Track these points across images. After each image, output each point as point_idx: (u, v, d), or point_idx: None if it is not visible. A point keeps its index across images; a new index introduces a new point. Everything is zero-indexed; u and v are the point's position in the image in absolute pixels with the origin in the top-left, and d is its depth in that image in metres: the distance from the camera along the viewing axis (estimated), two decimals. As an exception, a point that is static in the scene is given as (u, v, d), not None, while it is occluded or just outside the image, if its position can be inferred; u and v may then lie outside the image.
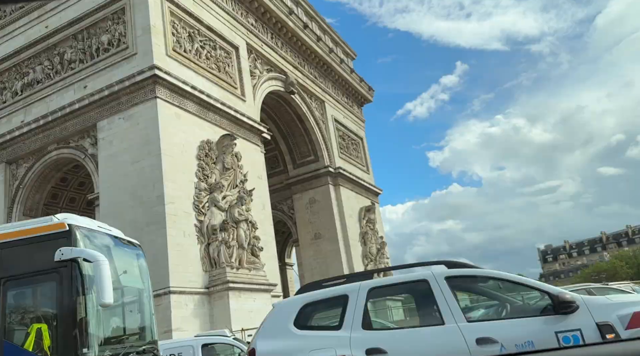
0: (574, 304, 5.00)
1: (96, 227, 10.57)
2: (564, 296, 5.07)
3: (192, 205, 21.99)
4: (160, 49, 23.10)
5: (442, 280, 5.61)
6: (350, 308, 5.62)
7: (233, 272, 21.77)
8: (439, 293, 5.48)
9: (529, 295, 6.16)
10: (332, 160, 37.76)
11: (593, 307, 5.03)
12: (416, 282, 5.93)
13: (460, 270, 5.93)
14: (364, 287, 5.85)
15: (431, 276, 5.70)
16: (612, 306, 5.08)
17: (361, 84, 45.63)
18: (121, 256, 11.28)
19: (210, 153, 23.77)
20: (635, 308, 4.97)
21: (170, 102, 22.62)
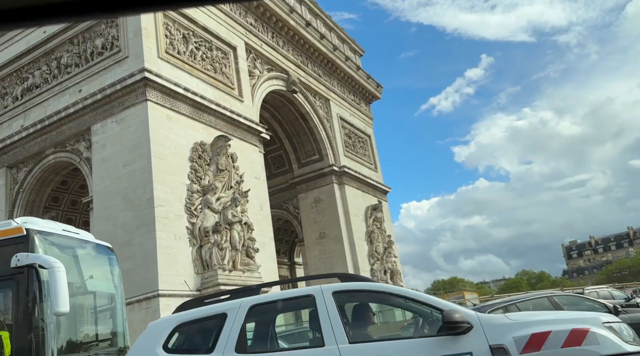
0: (464, 325, 4.54)
1: (61, 230, 10.44)
2: (450, 315, 4.57)
3: (184, 208, 21.96)
4: (152, 52, 23.10)
5: (329, 296, 5.14)
6: (227, 329, 5.18)
7: (225, 274, 21.68)
8: (323, 310, 5.03)
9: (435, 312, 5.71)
10: (336, 159, 37.43)
11: (489, 327, 4.58)
12: (303, 298, 5.55)
13: (351, 284, 5.54)
14: (245, 305, 5.39)
15: (318, 291, 5.25)
16: (510, 327, 4.62)
17: (368, 81, 45.13)
18: (89, 260, 11.12)
19: (204, 155, 23.71)
20: (533, 329, 4.52)
21: (162, 104, 22.61)
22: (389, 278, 37.22)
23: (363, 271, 35.68)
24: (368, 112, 45.84)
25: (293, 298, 5.84)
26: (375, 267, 36.90)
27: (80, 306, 10.80)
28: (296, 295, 5.79)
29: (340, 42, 43.84)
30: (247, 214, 25.07)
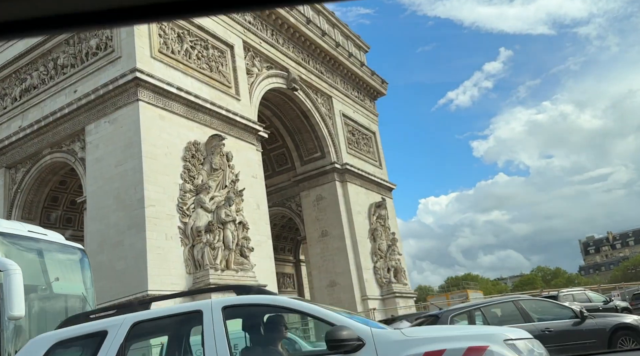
0: (351, 342, 4.22)
1: (26, 231, 10.39)
2: (334, 333, 4.22)
3: (176, 207, 21.95)
4: (144, 51, 23.09)
5: (219, 311, 4.70)
6: (104, 349, 4.78)
7: (217, 274, 21.63)
8: (209, 327, 4.64)
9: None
10: (339, 156, 37.18)
11: (381, 345, 4.29)
12: (190, 314, 5.04)
13: (244, 298, 5.14)
14: (127, 322, 4.94)
15: (207, 307, 4.82)
16: (403, 344, 4.32)
17: (373, 77, 44.72)
18: (56, 262, 11.02)
19: (197, 155, 23.67)
20: (427, 347, 4.22)
21: (154, 104, 22.60)
22: (393, 276, 36.90)
23: (366, 269, 35.46)
24: (373, 108, 45.44)
25: (180, 314, 5.27)
26: (378, 264, 36.62)
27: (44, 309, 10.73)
28: (183, 310, 5.26)
29: (344, 39, 43.49)
30: (242, 213, 24.99)
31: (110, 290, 20.55)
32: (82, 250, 11.53)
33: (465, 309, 10.17)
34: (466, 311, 10.04)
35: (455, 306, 10.85)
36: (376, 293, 35.69)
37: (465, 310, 10.12)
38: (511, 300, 10.84)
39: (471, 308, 10.11)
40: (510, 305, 10.43)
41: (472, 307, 10.22)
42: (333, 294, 34.86)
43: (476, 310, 10.06)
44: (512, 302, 10.53)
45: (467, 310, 10.09)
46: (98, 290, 20.78)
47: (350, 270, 34.46)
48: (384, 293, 36.01)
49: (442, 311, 10.26)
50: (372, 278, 35.81)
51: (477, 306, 10.24)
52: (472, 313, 9.88)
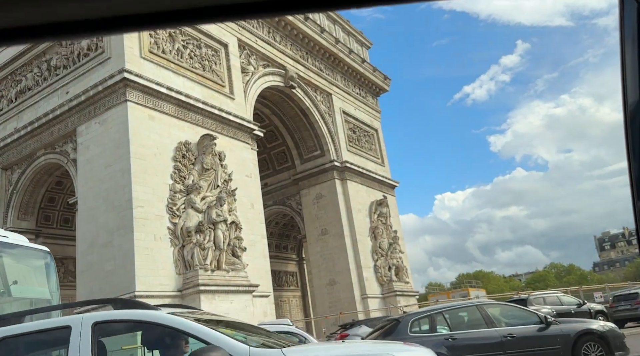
0: None
1: None
2: (201, 354, 3.89)
3: (166, 208, 21.89)
4: (134, 52, 23.04)
5: (88, 327, 4.30)
6: None
7: (207, 275, 21.55)
8: (75, 346, 4.23)
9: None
10: (339, 154, 36.92)
11: None
12: (58, 330, 4.60)
13: (117, 313, 4.75)
14: None
15: (77, 322, 4.40)
16: None
17: (375, 74, 44.33)
18: (16, 265, 10.91)
19: (188, 155, 23.59)
20: None
21: (143, 104, 22.55)
22: (394, 275, 36.59)
23: (366, 267, 35.20)
24: (375, 105, 45.05)
25: (47, 330, 4.76)
26: (379, 263, 36.33)
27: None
28: (51, 326, 4.82)
29: (346, 35, 43.15)
30: (235, 213, 24.88)
31: (99, 291, 20.61)
32: (48, 253, 11.41)
33: (426, 314, 9.89)
34: (427, 315, 9.78)
35: (422, 309, 10.54)
36: (377, 291, 35.42)
37: (426, 314, 9.85)
38: (475, 304, 10.57)
39: (433, 313, 9.83)
40: (474, 310, 10.17)
41: (434, 312, 9.93)
42: (333, 293, 34.69)
43: (438, 314, 9.79)
44: (475, 307, 10.27)
45: (428, 314, 9.82)
46: (88, 290, 20.87)
47: (350, 269, 34.23)
48: (384, 292, 35.73)
49: (403, 316, 9.99)
50: (372, 277, 35.55)
51: (440, 311, 9.96)
52: (433, 318, 9.62)
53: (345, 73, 41.00)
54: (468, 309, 10.60)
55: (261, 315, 24.79)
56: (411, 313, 10.10)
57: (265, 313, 25.07)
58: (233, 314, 21.65)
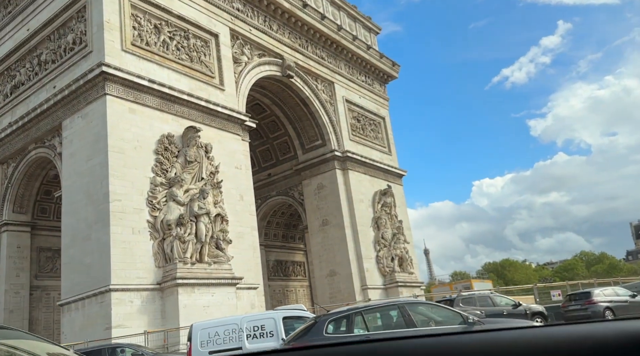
0: None
1: None
2: None
3: (146, 201, 21.91)
4: (115, 45, 23.01)
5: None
6: None
7: (186, 268, 21.52)
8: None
9: None
10: (340, 144, 36.36)
11: None
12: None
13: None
14: None
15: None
16: None
17: (382, 60, 43.36)
18: None
19: (171, 147, 23.51)
20: None
21: (123, 97, 22.54)
22: (397, 265, 35.99)
23: (367, 258, 34.73)
24: (383, 93, 44.13)
25: None
26: (381, 253, 35.78)
27: None
28: None
29: (352, 21, 42.28)
30: (221, 205, 24.77)
31: (79, 284, 20.88)
32: None
33: (344, 314, 9.42)
34: (345, 316, 9.30)
35: (336, 311, 10.05)
36: (378, 282, 34.94)
37: (344, 314, 9.38)
38: (397, 304, 10.03)
39: (351, 313, 9.36)
40: (395, 310, 9.72)
41: (353, 311, 9.45)
42: (333, 284, 34.40)
43: (357, 314, 9.31)
44: (397, 307, 9.77)
45: (346, 314, 9.34)
46: (70, 283, 21.11)
47: (350, 260, 33.82)
48: (386, 283, 35.21)
49: (320, 316, 9.52)
50: (374, 268, 35.06)
51: (358, 311, 9.49)
52: (351, 318, 9.18)
53: (350, 60, 40.23)
54: (389, 309, 10.20)
55: (248, 307, 24.73)
56: (329, 313, 9.65)
57: (252, 305, 24.99)
58: (214, 307, 21.65)
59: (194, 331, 11.95)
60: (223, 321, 12.75)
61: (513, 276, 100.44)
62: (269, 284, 40.68)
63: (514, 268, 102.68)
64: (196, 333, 11.87)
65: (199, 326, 12.21)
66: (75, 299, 20.81)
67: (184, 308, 20.84)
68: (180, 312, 20.65)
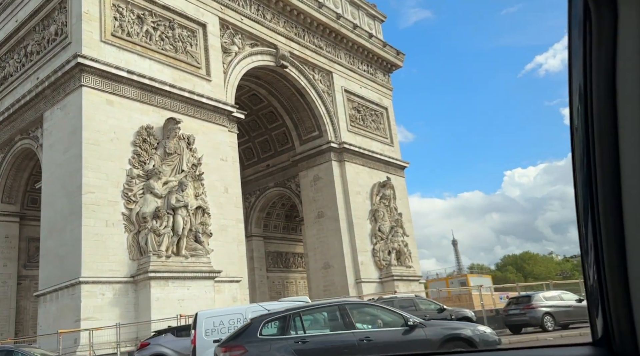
0: None
1: None
2: None
3: (121, 194, 21.79)
4: (93, 36, 22.85)
5: None
6: None
7: (160, 261, 21.38)
8: None
9: None
10: (337, 135, 35.73)
11: None
12: None
13: None
14: None
15: None
16: None
17: (385, 49, 42.36)
18: None
19: (150, 139, 23.32)
20: None
21: (101, 89, 22.40)
22: (394, 259, 35.37)
23: (362, 251, 34.20)
24: (386, 82, 43.18)
25: None
26: (377, 247, 35.18)
27: None
28: None
29: (354, 9, 41.40)
30: (203, 197, 24.55)
31: (54, 275, 20.97)
32: None
33: (280, 314, 9.03)
34: (281, 316, 8.96)
35: (273, 312, 9.63)
36: (374, 276, 34.39)
37: (280, 315, 9.00)
38: (337, 304, 9.74)
39: (288, 313, 9.01)
40: (334, 311, 9.44)
41: (290, 312, 9.09)
42: (327, 276, 34.01)
43: (296, 315, 9.00)
44: (337, 307, 9.47)
45: (282, 315, 8.99)
46: (46, 274, 21.19)
47: (344, 253, 33.34)
48: (382, 276, 34.63)
49: (256, 317, 9.11)
50: (369, 261, 34.51)
51: (295, 311, 9.14)
52: (287, 319, 8.88)
53: (350, 49, 39.41)
54: (328, 309, 9.88)
55: (230, 300, 24.53)
56: (265, 314, 9.31)
57: (234, 298, 24.77)
58: (189, 300, 21.52)
59: (199, 320, 12.08)
60: (228, 310, 13.05)
61: (532, 269, 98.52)
62: (267, 275, 40.62)
63: (534, 261, 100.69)
64: (201, 322, 12.00)
65: (204, 314, 12.39)
66: (50, 290, 20.91)
67: (156, 301, 20.73)
68: (152, 305, 20.55)
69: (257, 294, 38.70)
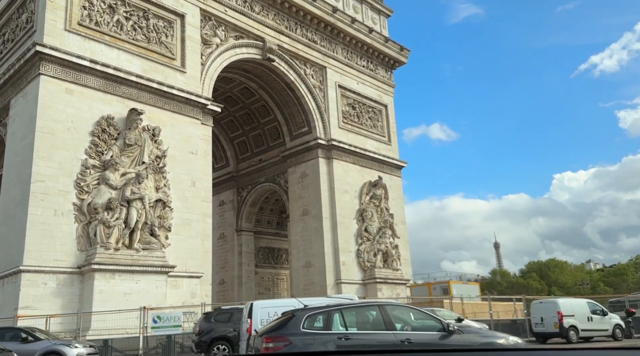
0: None
1: None
2: None
3: (74, 183, 21.68)
4: (57, 25, 22.80)
5: None
6: None
7: (108, 253, 21.17)
8: None
9: None
10: (327, 131, 34.87)
11: None
12: None
13: None
14: None
15: None
16: None
17: (387, 45, 41.05)
18: None
19: (109, 129, 23.13)
20: None
21: (61, 78, 22.33)
22: (380, 261, 34.32)
23: (345, 251, 33.31)
24: (388, 79, 41.88)
25: None
26: (362, 247, 34.19)
27: None
28: None
29: (358, 3, 40.33)
30: (165, 190, 24.27)
31: (3, 261, 21.04)
32: None
33: (323, 310, 9.27)
34: (324, 311, 9.20)
35: (315, 306, 9.74)
36: (356, 277, 33.46)
37: (323, 310, 9.24)
38: (378, 305, 9.93)
39: (330, 309, 9.24)
40: (376, 310, 9.63)
41: (332, 308, 9.31)
42: (308, 276, 33.32)
43: (337, 311, 9.24)
44: (377, 307, 9.64)
45: (325, 310, 9.23)
46: None
47: (325, 252, 32.55)
48: (366, 278, 33.66)
49: (298, 310, 9.26)
50: (352, 262, 33.59)
51: (337, 308, 9.37)
52: (330, 315, 9.15)
53: (348, 44, 38.36)
54: (369, 309, 10.04)
55: (188, 296, 24.21)
56: (308, 308, 9.47)
57: (193, 294, 24.41)
58: (137, 294, 21.27)
59: (254, 309, 13.27)
60: (282, 302, 14.16)
61: (558, 277, 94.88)
62: (256, 271, 40.22)
63: (559, 269, 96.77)
64: (256, 311, 13.19)
65: (259, 305, 13.69)
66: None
67: (99, 293, 20.55)
68: (95, 298, 20.39)
69: (243, 290, 38.42)
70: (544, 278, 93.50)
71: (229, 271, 39.35)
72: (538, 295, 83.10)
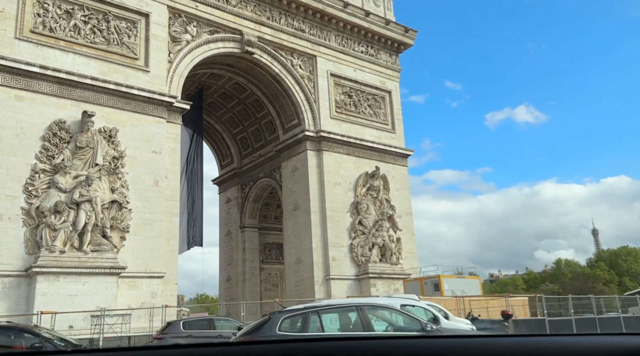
0: None
1: None
2: None
3: (22, 188, 22.15)
4: (7, 34, 23.36)
5: None
6: None
7: (53, 256, 21.46)
8: None
9: None
10: (316, 123, 33.65)
11: None
12: None
13: None
14: None
15: None
16: None
17: (389, 27, 38.92)
18: None
19: (61, 133, 23.43)
20: None
21: (9, 85, 22.85)
22: (376, 255, 32.69)
23: (336, 246, 32.04)
24: (392, 63, 39.73)
25: None
26: (356, 241, 32.71)
27: None
28: None
29: (357, -13, 38.55)
30: (123, 191, 24.30)
31: (-41, 266, 21.87)
32: None
33: (300, 311, 9.29)
34: (301, 314, 9.20)
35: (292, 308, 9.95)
36: (349, 273, 32.08)
37: (299, 312, 9.25)
38: (355, 305, 9.82)
39: (307, 311, 9.27)
40: (353, 311, 9.67)
41: (309, 310, 9.35)
42: (298, 271, 32.44)
43: (314, 313, 9.25)
44: (355, 308, 9.59)
45: (302, 312, 9.24)
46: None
47: (313, 248, 31.47)
48: (360, 274, 32.19)
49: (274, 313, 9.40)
50: (345, 257, 32.24)
51: (314, 309, 9.40)
52: (307, 317, 9.14)
53: (343, 30, 36.79)
54: (347, 310, 10.03)
55: (148, 296, 24.15)
56: (284, 310, 9.55)
57: (154, 294, 24.32)
58: (83, 296, 21.45)
59: None
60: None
61: (630, 267, 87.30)
62: (263, 267, 39.83)
63: (633, 257, 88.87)
64: None
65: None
66: (-47, 281, 21.90)
67: (42, 296, 20.87)
68: (37, 300, 20.72)
69: (246, 286, 38.19)
70: (614, 267, 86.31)
71: (234, 268, 39.26)
72: (606, 286, 76.77)
